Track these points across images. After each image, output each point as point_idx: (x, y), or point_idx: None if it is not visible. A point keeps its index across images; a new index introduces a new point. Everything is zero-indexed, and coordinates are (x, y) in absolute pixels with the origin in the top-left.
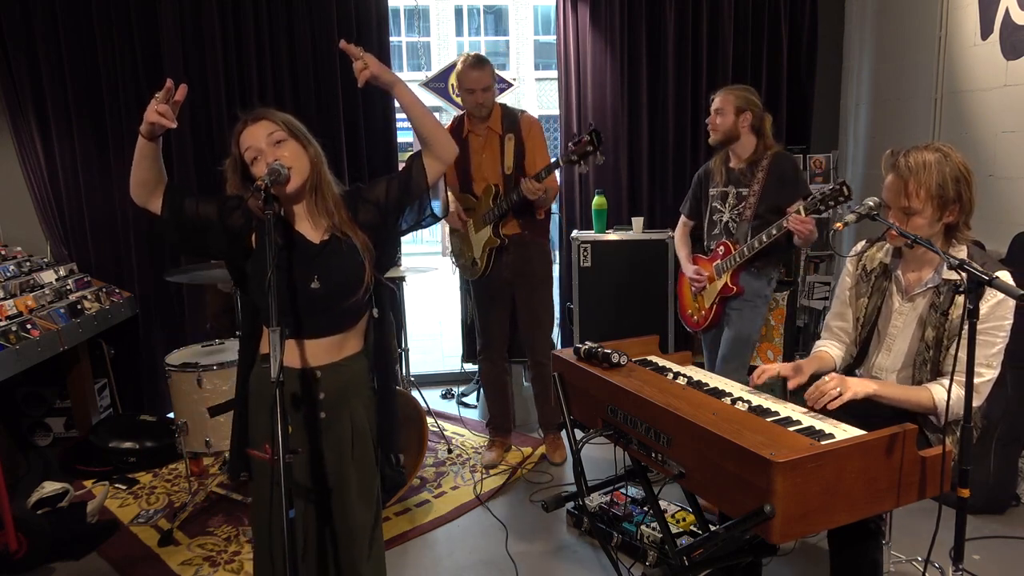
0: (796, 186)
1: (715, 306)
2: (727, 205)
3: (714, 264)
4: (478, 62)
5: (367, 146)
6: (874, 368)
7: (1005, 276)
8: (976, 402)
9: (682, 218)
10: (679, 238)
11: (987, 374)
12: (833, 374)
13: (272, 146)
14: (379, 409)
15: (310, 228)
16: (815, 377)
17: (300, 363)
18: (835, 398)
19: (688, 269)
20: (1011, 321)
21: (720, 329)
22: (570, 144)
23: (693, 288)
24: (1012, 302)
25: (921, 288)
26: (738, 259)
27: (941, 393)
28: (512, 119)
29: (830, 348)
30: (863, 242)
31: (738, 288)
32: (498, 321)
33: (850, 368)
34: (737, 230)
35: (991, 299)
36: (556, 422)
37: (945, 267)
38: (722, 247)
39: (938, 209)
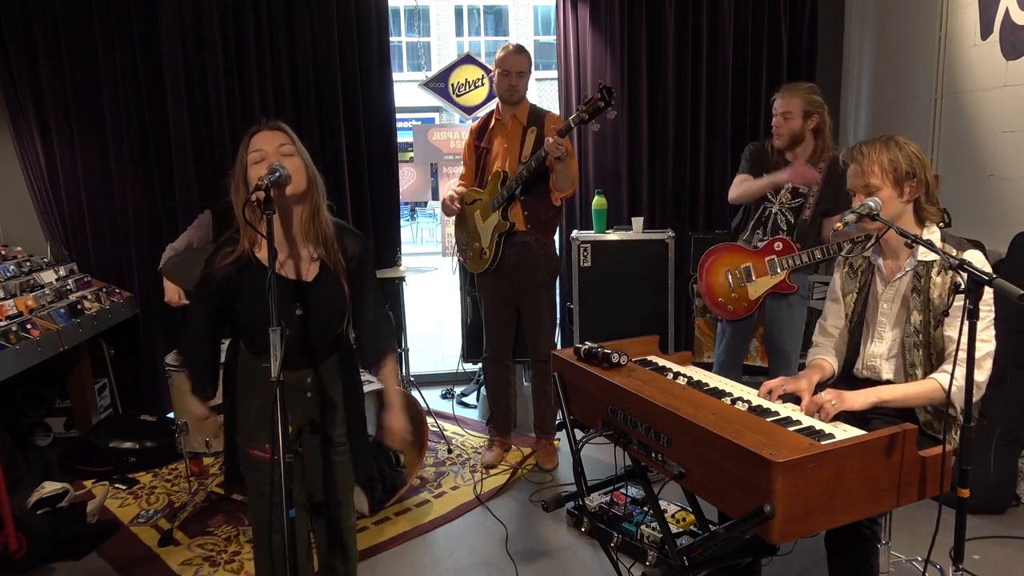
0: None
1: (762, 299)
2: (779, 199)
3: (767, 259)
4: (518, 49)
5: (367, 145)
6: (868, 357)
7: (974, 255)
8: (980, 376)
9: (741, 176)
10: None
11: (983, 348)
12: (830, 390)
13: (279, 156)
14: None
15: (303, 258)
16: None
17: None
18: (831, 411)
19: (786, 173)
20: (991, 294)
21: (752, 321)
22: (580, 105)
23: (805, 180)
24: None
25: (900, 273)
26: (805, 259)
27: (947, 380)
28: (538, 115)
29: (827, 356)
30: (848, 244)
31: (795, 287)
32: (505, 321)
33: (848, 364)
34: (795, 229)
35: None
36: (550, 427)
37: (920, 250)
38: (780, 243)
39: (896, 185)
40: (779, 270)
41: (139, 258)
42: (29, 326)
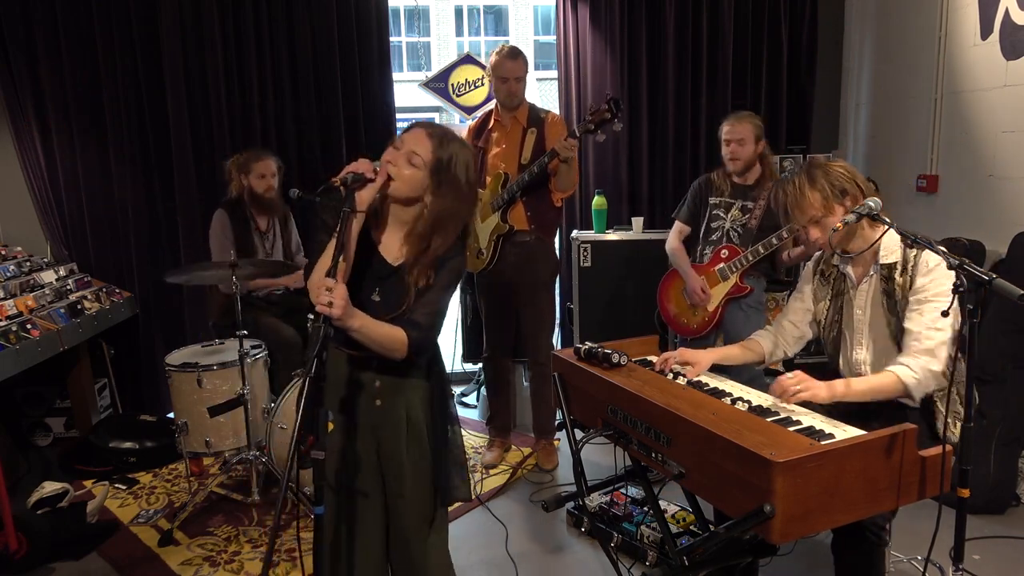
0: None
1: (720, 308)
2: (730, 215)
3: (716, 268)
4: (513, 53)
5: (367, 144)
6: (855, 364)
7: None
8: (936, 367)
9: (679, 225)
10: (678, 247)
11: (937, 336)
12: (797, 372)
13: (406, 158)
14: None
15: (394, 246)
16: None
17: (355, 350)
18: (794, 394)
19: (696, 281)
20: (949, 287)
21: (717, 334)
22: (587, 114)
23: (694, 301)
24: (949, 272)
25: (866, 279)
26: (750, 258)
27: (905, 372)
28: (538, 116)
29: (763, 338)
30: (817, 253)
31: (749, 287)
32: (504, 321)
33: (832, 372)
34: (741, 238)
35: (925, 270)
36: (550, 428)
37: (881, 252)
38: (725, 250)
39: (839, 206)
40: (730, 274)
41: (139, 258)
42: (29, 326)
